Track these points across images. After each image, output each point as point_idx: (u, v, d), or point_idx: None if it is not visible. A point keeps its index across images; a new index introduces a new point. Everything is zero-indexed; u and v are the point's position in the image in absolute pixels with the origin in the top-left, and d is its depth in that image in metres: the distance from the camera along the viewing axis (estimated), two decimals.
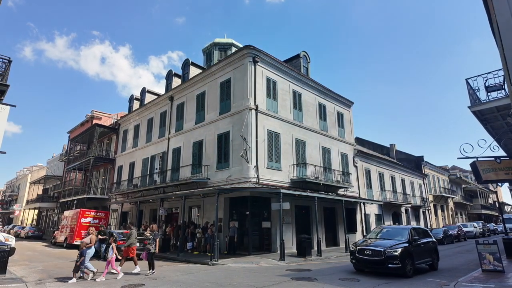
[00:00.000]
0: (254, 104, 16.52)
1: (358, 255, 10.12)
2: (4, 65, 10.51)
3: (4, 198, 66.36)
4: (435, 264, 11.19)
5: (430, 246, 11.24)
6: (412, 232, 10.71)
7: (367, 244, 10.30)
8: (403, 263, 9.36)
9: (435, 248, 11.55)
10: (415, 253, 10.07)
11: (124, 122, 28.69)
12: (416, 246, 10.29)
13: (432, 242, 11.55)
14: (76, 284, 8.49)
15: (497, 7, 7.18)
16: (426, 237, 11.47)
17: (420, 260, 10.39)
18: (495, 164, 9.99)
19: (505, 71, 7.85)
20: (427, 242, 11.15)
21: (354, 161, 23.85)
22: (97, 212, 22.37)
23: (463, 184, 49.33)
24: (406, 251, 9.67)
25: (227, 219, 16.32)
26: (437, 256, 11.47)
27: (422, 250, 10.61)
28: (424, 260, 10.74)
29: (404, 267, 9.33)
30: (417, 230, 11.30)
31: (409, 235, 10.47)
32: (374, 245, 10.03)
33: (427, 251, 10.96)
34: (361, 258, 10.04)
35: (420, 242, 10.65)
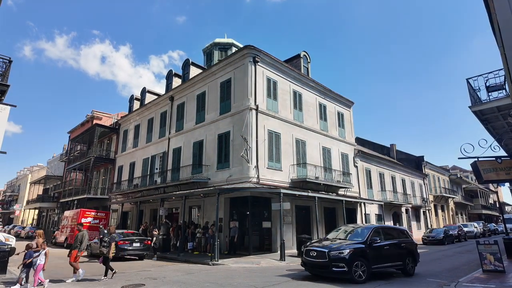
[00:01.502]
0: (254, 104, 16.52)
1: (305, 257, 9.27)
2: (4, 65, 10.51)
3: (4, 198, 66.43)
4: (409, 269, 9.81)
5: (401, 248, 9.93)
6: (373, 232, 9.53)
7: (317, 245, 9.37)
8: (351, 266, 8.36)
9: (411, 250, 10.19)
10: (374, 256, 9.00)
11: (124, 122, 28.70)
12: (375, 248, 9.15)
13: (407, 243, 10.23)
14: (76, 284, 8.48)
15: (498, 6, 7.16)
16: (398, 237, 10.24)
17: (382, 263, 9.27)
18: (496, 164, 9.97)
19: (506, 71, 7.83)
20: (396, 243, 9.90)
21: (355, 161, 23.84)
22: (97, 212, 22.38)
23: (464, 184, 49.30)
24: (357, 253, 8.64)
25: (228, 219, 16.32)
26: (413, 259, 10.10)
27: (386, 253, 9.47)
28: (390, 264, 9.53)
29: (351, 272, 8.34)
30: (384, 230, 10.23)
31: (368, 236, 9.30)
32: (320, 246, 9.12)
33: (396, 254, 9.71)
34: (307, 260, 9.16)
35: (382, 243, 9.46)
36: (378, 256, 9.23)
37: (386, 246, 9.61)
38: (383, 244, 9.54)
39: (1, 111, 9.75)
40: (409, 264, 9.91)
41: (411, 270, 9.92)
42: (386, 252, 9.53)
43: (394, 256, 9.66)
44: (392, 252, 9.67)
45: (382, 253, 9.38)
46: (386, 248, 9.56)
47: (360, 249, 8.85)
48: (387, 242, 9.75)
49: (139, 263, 13.32)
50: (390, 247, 9.69)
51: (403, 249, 10.01)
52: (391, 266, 9.64)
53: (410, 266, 9.95)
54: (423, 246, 21.77)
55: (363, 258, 8.75)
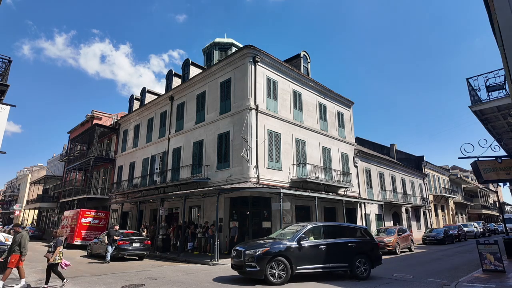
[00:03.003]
0: (254, 104, 16.52)
1: (232, 257, 9.00)
2: (4, 65, 10.51)
3: (4, 198, 66.42)
4: (359, 272, 9.02)
5: (347, 248, 9.16)
6: (306, 231, 9.04)
7: (242, 244, 9.14)
8: (264, 266, 8.03)
9: (364, 251, 9.37)
10: (301, 256, 8.49)
11: (124, 122, 28.70)
12: (305, 248, 8.63)
13: (358, 243, 9.43)
14: (76, 284, 8.48)
15: (498, 6, 7.16)
16: (348, 236, 9.51)
17: (312, 264, 8.62)
18: (496, 164, 9.98)
19: (506, 70, 7.83)
20: (339, 243, 9.13)
21: (355, 161, 23.84)
22: (97, 212, 22.39)
23: (464, 184, 49.31)
24: (276, 253, 8.22)
25: (228, 219, 16.32)
26: (367, 261, 9.27)
27: (322, 253, 8.81)
28: (327, 265, 8.78)
29: (263, 271, 8.00)
30: (328, 229, 9.50)
31: (299, 235, 8.82)
32: (243, 245, 8.89)
33: (339, 255, 9.00)
34: (232, 260, 8.95)
35: (316, 243, 8.88)
36: (308, 256, 8.64)
37: (322, 246, 8.88)
38: (318, 244, 8.88)
39: (0, 111, 9.74)
40: (360, 266, 9.11)
41: (362, 273, 9.06)
42: (322, 253, 8.82)
43: (335, 256, 8.93)
44: (332, 253, 8.93)
45: (314, 253, 8.75)
46: (321, 248, 8.85)
47: (281, 249, 8.39)
48: (325, 242, 9.01)
49: (139, 263, 13.32)
50: (329, 247, 8.94)
51: (351, 249, 9.19)
52: (329, 267, 8.82)
53: (362, 269, 9.11)
54: (423, 246, 21.79)
55: (284, 258, 8.28)
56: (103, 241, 15.14)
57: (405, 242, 17.70)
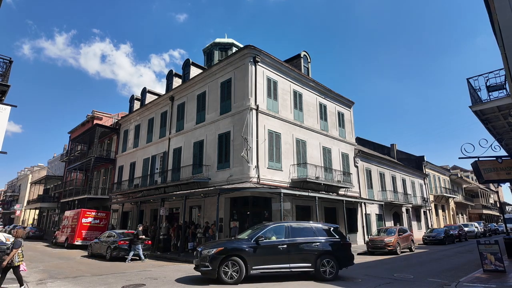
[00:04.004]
0: (254, 104, 16.52)
1: (194, 257, 9.14)
2: (5, 65, 10.52)
3: (5, 198, 66.50)
4: (324, 272, 8.75)
5: (311, 248, 8.91)
6: (267, 231, 8.98)
7: (204, 245, 9.25)
8: (216, 266, 8.09)
9: (330, 251, 9.05)
10: (258, 256, 8.43)
11: (124, 122, 28.72)
12: (263, 248, 8.55)
13: (325, 243, 9.12)
14: (77, 284, 8.49)
15: (498, 6, 7.16)
16: (314, 236, 9.22)
17: (271, 265, 8.52)
18: (496, 164, 9.96)
19: (506, 70, 7.83)
20: (302, 243, 8.90)
21: (355, 161, 23.84)
22: (98, 212, 22.40)
23: (464, 184, 49.29)
24: (230, 253, 8.27)
25: (228, 219, 16.32)
26: (335, 261, 8.98)
27: (282, 253, 8.66)
28: (287, 265, 8.62)
29: (215, 271, 8.07)
30: (293, 228, 9.25)
31: (257, 234, 8.79)
32: (203, 246, 9.03)
33: (301, 255, 8.79)
34: (194, 260, 9.03)
35: (275, 243, 8.75)
36: (266, 256, 8.54)
37: (282, 246, 8.71)
38: (277, 244, 8.73)
39: (1, 111, 9.75)
40: (325, 267, 8.83)
41: (328, 274, 8.77)
42: (282, 253, 8.66)
43: (296, 256, 8.74)
44: (294, 253, 8.75)
45: (273, 253, 8.62)
46: (281, 248, 8.69)
47: (236, 249, 8.41)
48: (286, 241, 8.82)
49: (140, 263, 13.33)
50: (290, 246, 8.76)
51: (316, 249, 8.93)
52: (289, 268, 8.65)
53: (328, 270, 8.82)
54: (424, 246, 21.78)
55: (239, 258, 8.27)
56: (103, 241, 15.19)
57: (406, 242, 17.69)
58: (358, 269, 11.20)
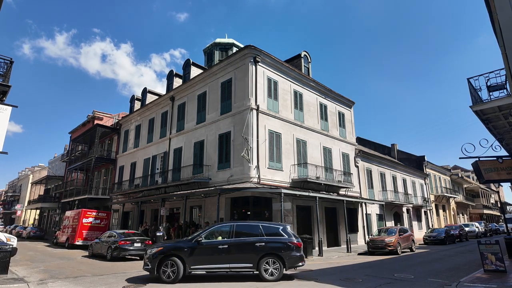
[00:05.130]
0: (255, 104, 16.53)
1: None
2: (6, 65, 10.54)
3: (6, 198, 66.61)
4: (266, 273, 8.55)
5: (254, 248, 8.76)
6: (209, 231, 9.11)
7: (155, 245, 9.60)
8: (155, 265, 8.40)
9: (274, 251, 8.78)
10: (197, 256, 8.56)
11: (125, 122, 28.76)
12: (202, 248, 8.66)
13: (269, 243, 8.87)
14: (77, 284, 8.50)
15: (498, 6, 7.16)
16: (260, 236, 9.01)
17: (209, 264, 8.61)
18: (497, 164, 9.96)
19: (507, 70, 7.83)
20: (244, 243, 8.84)
21: (356, 161, 23.84)
22: (98, 212, 22.43)
23: (465, 184, 49.26)
24: (169, 253, 8.50)
25: (229, 219, 16.33)
26: (278, 261, 8.70)
27: (223, 253, 8.67)
28: (225, 265, 8.61)
29: (154, 270, 8.39)
30: (237, 228, 9.20)
31: (198, 234, 8.94)
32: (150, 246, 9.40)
33: (242, 255, 8.70)
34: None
35: (215, 243, 8.79)
36: (205, 256, 8.64)
37: (222, 246, 8.73)
38: (217, 244, 8.78)
39: (2, 112, 9.77)
40: (268, 267, 8.63)
41: (271, 275, 8.56)
42: (222, 252, 8.68)
43: (237, 256, 8.69)
44: (235, 253, 8.72)
45: (213, 253, 8.68)
46: (221, 248, 8.71)
47: (174, 249, 8.62)
48: (227, 241, 8.84)
49: (140, 263, 13.32)
50: (231, 246, 8.75)
51: (259, 249, 8.74)
52: (228, 268, 8.64)
53: (271, 270, 8.61)
54: (424, 246, 21.77)
55: (177, 258, 8.45)
56: (104, 241, 15.22)
57: (406, 242, 17.68)
58: (358, 269, 11.21)
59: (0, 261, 9.21)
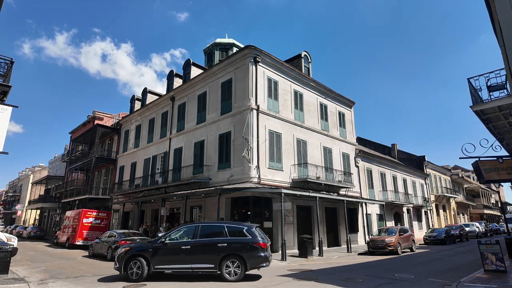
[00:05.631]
0: (255, 104, 16.54)
1: None
2: (6, 66, 10.55)
3: (6, 198, 66.65)
4: (227, 273, 8.55)
5: (216, 249, 8.81)
6: (174, 232, 9.45)
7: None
8: (122, 264, 8.80)
9: (236, 252, 8.73)
10: (160, 256, 8.84)
11: (125, 122, 28.77)
12: (165, 248, 8.93)
13: (229, 243, 8.84)
14: (78, 284, 8.51)
15: (498, 6, 7.17)
16: (224, 237, 9.05)
17: (172, 264, 8.85)
18: (497, 164, 9.95)
19: (507, 70, 7.84)
20: (205, 243, 8.94)
21: (356, 161, 23.84)
22: (99, 212, 22.44)
23: (465, 184, 49.24)
24: (135, 253, 8.88)
25: (229, 219, 16.34)
26: (239, 262, 8.63)
27: (185, 253, 8.83)
28: (188, 265, 8.77)
29: (121, 269, 8.80)
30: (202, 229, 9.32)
31: (164, 235, 9.28)
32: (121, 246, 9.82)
33: (204, 255, 8.80)
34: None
35: (178, 243, 9.02)
36: (169, 256, 8.88)
37: (185, 246, 8.91)
38: (181, 244, 8.97)
39: (3, 112, 9.78)
40: (230, 267, 8.62)
41: (232, 275, 8.56)
42: (185, 253, 8.85)
43: (199, 257, 8.80)
44: (197, 253, 8.84)
45: (176, 253, 8.88)
46: (184, 249, 8.89)
47: (140, 249, 9.00)
48: (190, 242, 9.01)
49: None
50: (193, 247, 8.90)
51: (221, 249, 8.78)
52: (191, 268, 8.80)
53: (232, 271, 8.60)
54: (425, 246, 21.76)
55: (142, 258, 8.78)
56: (104, 241, 15.23)
57: (407, 242, 17.68)
58: (358, 269, 11.21)
59: (1, 261, 9.22)
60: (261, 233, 9.51)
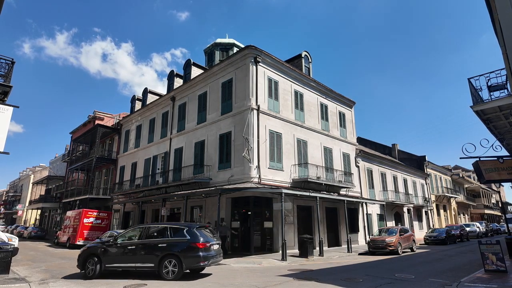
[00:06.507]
0: (255, 104, 16.54)
1: None
2: (7, 66, 10.56)
3: (7, 198, 66.74)
4: (166, 272, 8.79)
5: (156, 249, 9.11)
6: (126, 232, 10.09)
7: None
8: (81, 263, 9.51)
9: (174, 252, 8.91)
10: (110, 255, 9.35)
11: (126, 122, 28.79)
12: (115, 248, 9.43)
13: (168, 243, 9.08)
14: (78, 284, 8.52)
15: (499, 6, 7.17)
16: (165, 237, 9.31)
17: (120, 263, 9.31)
18: (497, 164, 9.96)
19: (508, 70, 7.84)
20: (147, 244, 9.27)
21: (356, 161, 23.83)
22: (99, 212, 22.46)
23: (466, 184, 49.19)
24: (91, 252, 9.49)
25: (229, 219, 16.37)
26: (177, 261, 8.79)
27: (130, 253, 9.30)
28: (132, 264, 9.20)
29: (81, 266, 9.49)
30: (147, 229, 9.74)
31: (112, 236, 10.00)
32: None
33: (146, 255, 9.11)
34: None
35: (125, 243, 9.47)
36: (117, 255, 9.40)
37: (131, 246, 9.40)
38: (127, 244, 9.47)
39: (3, 112, 9.79)
40: (168, 267, 8.85)
41: (170, 274, 8.77)
42: (130, 253, 9.32)
43: (142, 256, 9.18)
44: (140, 253, 9.22)
45: (123, 253, 9.37)
46: (129, 248, 9.37)
47: (95, 248, 9.64)
48: (135, 242, 9.47)
49: None
50: (137, 247, 9.33)
51: (161, 249, 9.07)
52: (134, 267, 9.21)
53: (170, 270, 8.80)
54: (425, 246, 21.75)
55: (95, 257, 9.38)
56: None
57: (407, 242, 17.67)
58: (359, 269, 11.21)
59: (2, 261, 9.24)
60: (206, 233, 9.70)
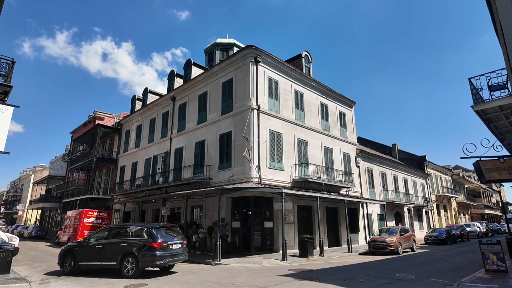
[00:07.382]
0: (256, 104, 16.54)
1: None
2: (7, 66, 10.56)
3: (7, 198, 66.76)
4: (125, 270, 9.23)
5: (118, 248, 9.59)
6: (98, 232, 10.82)
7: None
8: (60, 259, 10.35)
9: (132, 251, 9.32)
10: (82, 254, 10.09)
11: (126, 122, 28.80)
12: (86, 247, 10.18)
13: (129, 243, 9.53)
14: (78, 283, 8.52)
15: (500, 5, 7.16)
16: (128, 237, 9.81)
17: (89, 262, 9.97)
18: (498, 164, 9.94)
19: (508, 70, 7.82)
20: (111, 243, 9.81)
21: (357, 161, 23.83)
22: (99, 212, 22.47)
23: (466, 184, 49.15)
24: (69, 251, 10.36)
25: (230, 219, 16.37)
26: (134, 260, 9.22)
27: (98, 252, 9.87)
28: (98, 262, 9.83)
29: (61, 264, 10.27)
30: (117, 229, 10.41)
31: (88, 235, 10.97)
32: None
33: (110, 254, 9.66)
34: None
35: (94, 243, 10.14)
36: (88, 254, 10.07)
37: (99, 245, 10.06)
38: (95, 244, 10.15)
39: (4, 112, 9.80)
40: (127, 265, 9.32)
41: (128, 272, 9.21)
42: (98, 251, 9.95)
43: (107, 255, 9.75)
44: (106, 252, 9.82)
45: (93, 252, 10.03)
46: (97, 248, 10.03)
47: (71, 247, 10.50)
48: (102, 242, 10.11)
49: None
50: (104, 246, 9.96)
51: (122, 249, 9.56)
52: (101, 265, 9.85)
53: (129, 268, 9.26)
54: (426, 246, 21.73)
55: (71, 255, 10.19)
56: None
57: (407, 242, 17.66)
58: (359, 269, 11.21)
59: (2, 261, 9.25)
60: (167, 233, 10.15)
